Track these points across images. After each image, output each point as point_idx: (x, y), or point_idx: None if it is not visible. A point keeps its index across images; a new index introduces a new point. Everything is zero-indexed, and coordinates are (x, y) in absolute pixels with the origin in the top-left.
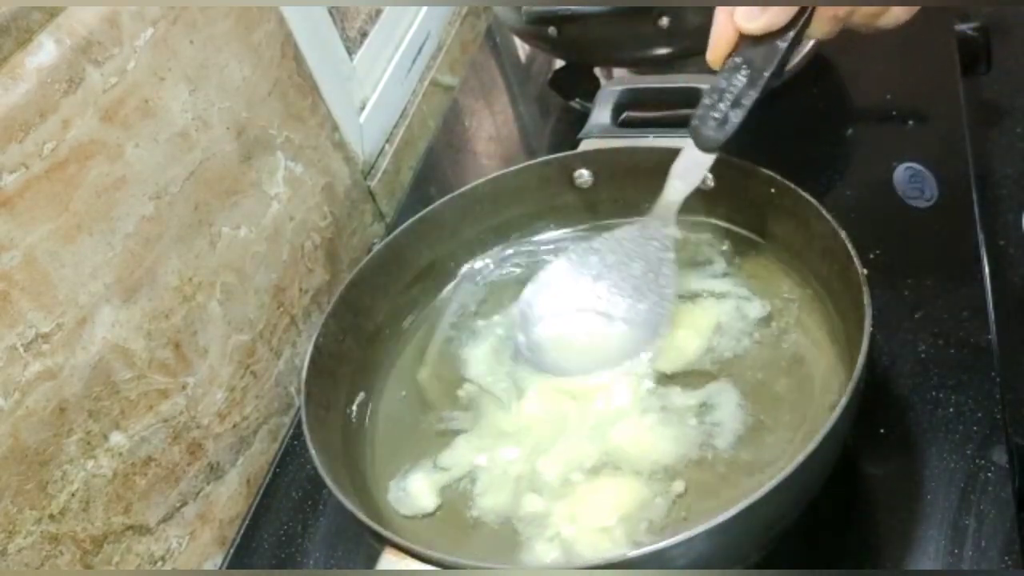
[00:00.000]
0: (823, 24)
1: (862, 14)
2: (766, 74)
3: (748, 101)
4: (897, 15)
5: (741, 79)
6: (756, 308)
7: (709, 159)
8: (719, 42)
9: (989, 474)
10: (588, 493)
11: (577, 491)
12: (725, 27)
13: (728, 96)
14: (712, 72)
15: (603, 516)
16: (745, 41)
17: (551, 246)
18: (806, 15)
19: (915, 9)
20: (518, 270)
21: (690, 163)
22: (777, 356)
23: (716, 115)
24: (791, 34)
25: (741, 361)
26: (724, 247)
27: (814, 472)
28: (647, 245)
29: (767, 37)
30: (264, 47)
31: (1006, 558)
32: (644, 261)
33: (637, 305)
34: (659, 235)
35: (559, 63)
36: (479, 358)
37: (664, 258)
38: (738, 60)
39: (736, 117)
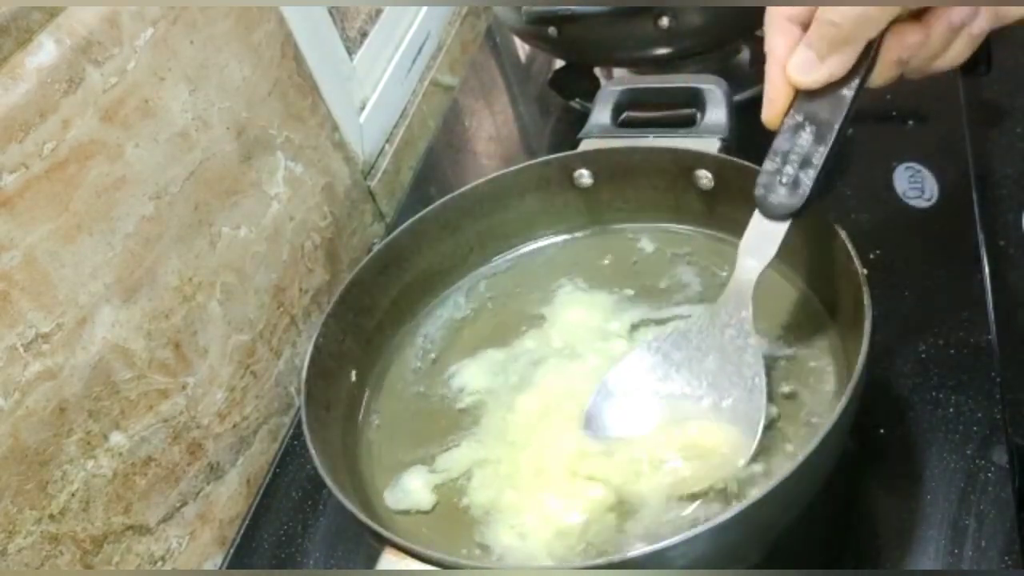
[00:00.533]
0: (887, 69)
1: (925, 55)
2: (836, 127)
3: (819, 159)
4: (954, 58)
5: (807, 136)
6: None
7: (782, 229)
8: (775, 101)
9: (989, 474)
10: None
11: (550, 487)
12: (778, 83)
13: (794, 157)
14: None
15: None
16: (803, 96)
17: (550, 247)
18: (868, 60)
19: (975, 47)
20: (518, 272)
21: (760, 236)
22: (776, 356)
23: (784, 179)
24: (855, 82)
25: None
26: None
27: (814, 472)
28: (721, 335)
29: (828, 90)
30: (264, 47)
31: (1006, 558)
32: (719, 352)
33: (720, 404)
34: (734, 320)
35: (559, 63)
36: (479, 359)
37: (744, 345)
38: (799, 118)
39: (808, 178)
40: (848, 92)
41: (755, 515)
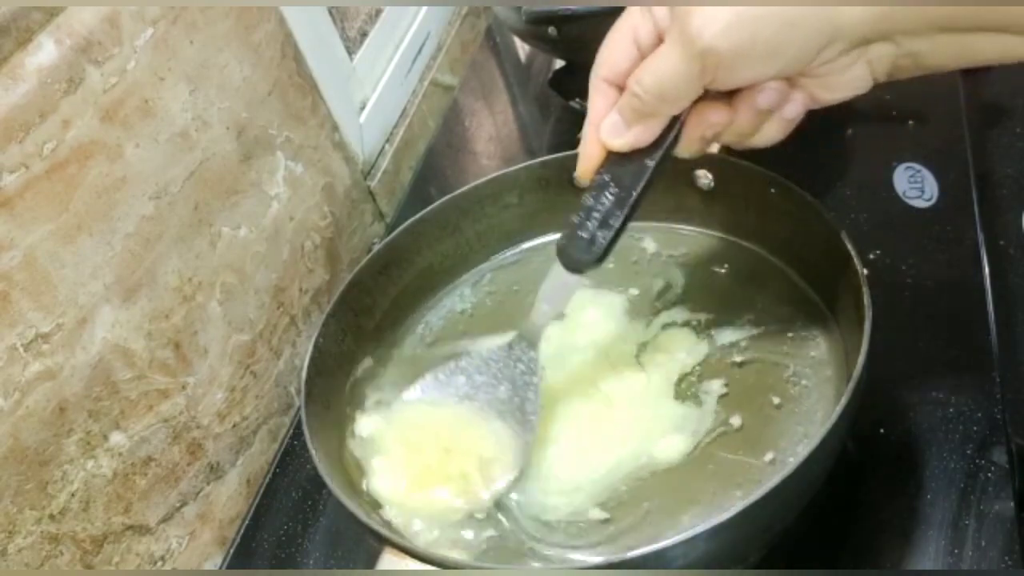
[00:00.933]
0: (691, 144)
1: (733, 133)
2: (634, 194)
3: (615, 222)
4: (770, 135)
5: (609, 198)
6: (755, 307)
7: (576, 280)
8: (589, 158)
9: (989, 474)
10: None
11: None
12: (593, 142)
13: (595, 215)
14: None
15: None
16: (613, 158)
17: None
18: (673, 133)
19: (789, 129)
20: (519, 269)
21: (558, 285)
22: (776, 356)
23: (584, 235)
24: (658, 153)
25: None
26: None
27: (814, 472)
28: (514, 367)
29: (634, 155)
30: (264, 47)
31: (1006, 558)
32: (511, 384)
33: (500, 429)
34: (525, 357)
35: (559, 63)
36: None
37: (529, 382)
38: (606, 177)
39: (604, 239)
40: (650, 161)
41: (755, 515)
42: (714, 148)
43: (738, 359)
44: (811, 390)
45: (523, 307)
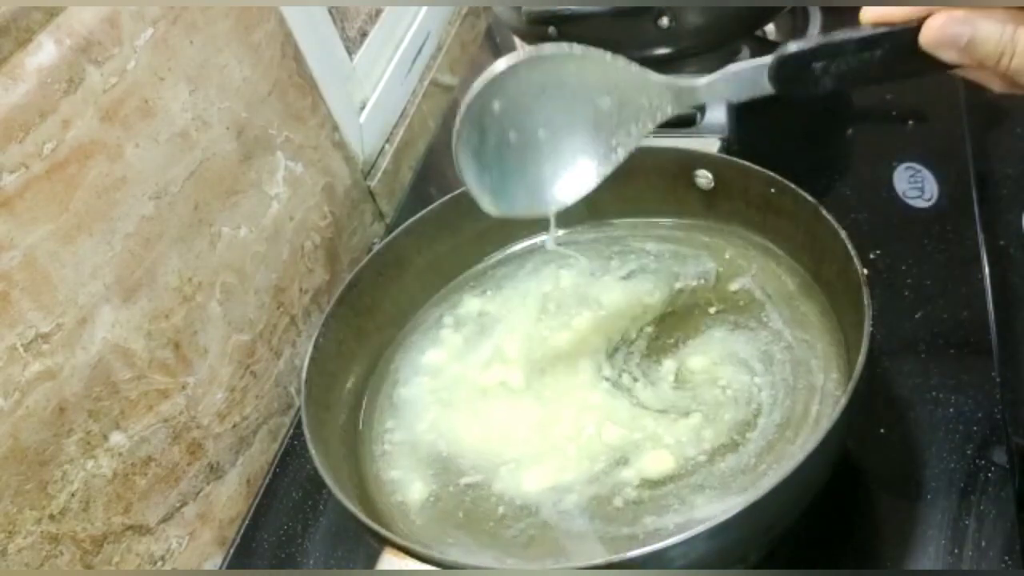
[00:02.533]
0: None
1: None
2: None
3: (836, 68)
4: None
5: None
6: (755, 308)
7: (763, 87)
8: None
9: (989, 474)
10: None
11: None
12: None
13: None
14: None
15: None
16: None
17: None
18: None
19: None
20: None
21: (746, 76)
22: (776, 356)
23: (801, 60)
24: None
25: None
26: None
27: (814, 472)
28: (637, 94)
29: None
30: (264, 47)
31: (1006, 558)
32: (616, 99)
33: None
34: (656, 99)
35: None
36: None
37: (643, 118)
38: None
39: (819, 69)
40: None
41: (755, 515)
42: (713, 148)
43: None
44: (811, 389)
45: (523, 307)
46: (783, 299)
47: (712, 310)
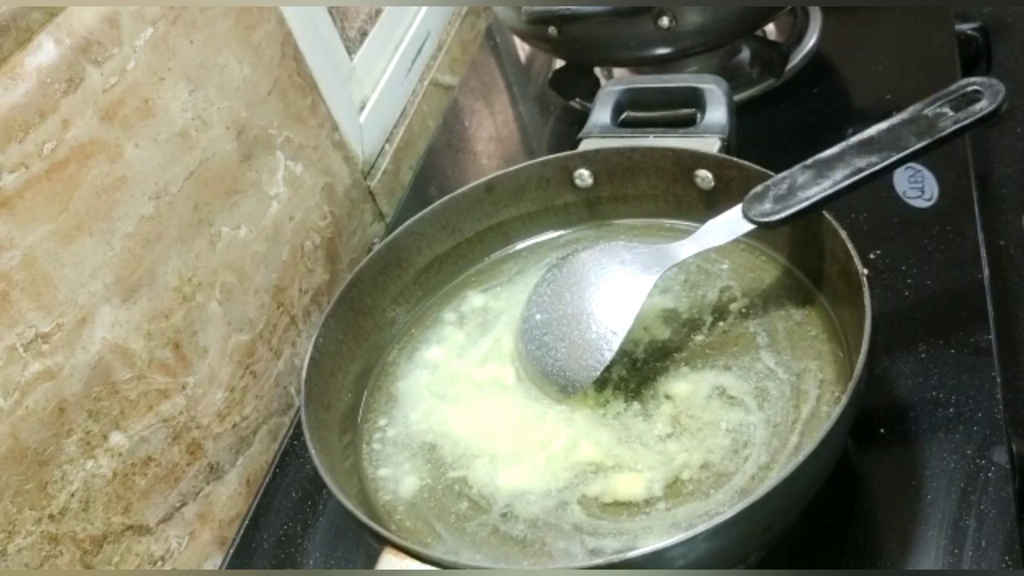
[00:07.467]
0: None
1: None
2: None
3: (812, 196)
4: None
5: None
6: (755, 308)
7: (742, 227)
8: None
9: (989, 474)
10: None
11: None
12: None
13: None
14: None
15: None
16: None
17: (549, 243)
18: None
19: None
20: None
21: (723, 224)
22: (776, 356)
23: (777, 193)
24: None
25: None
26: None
27: (814, 472)
28: (624, 269)
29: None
30: (264, 47)
31: (1006, 558)
32: (616, 282)
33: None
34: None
35: (559, 63)
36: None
37: (634, 295)
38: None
39: (792, 204)
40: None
41: (755, 515)
42: (713, 148)
43: None
44: (811, 389)
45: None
46: (783, 300)
47: (712, 310)
